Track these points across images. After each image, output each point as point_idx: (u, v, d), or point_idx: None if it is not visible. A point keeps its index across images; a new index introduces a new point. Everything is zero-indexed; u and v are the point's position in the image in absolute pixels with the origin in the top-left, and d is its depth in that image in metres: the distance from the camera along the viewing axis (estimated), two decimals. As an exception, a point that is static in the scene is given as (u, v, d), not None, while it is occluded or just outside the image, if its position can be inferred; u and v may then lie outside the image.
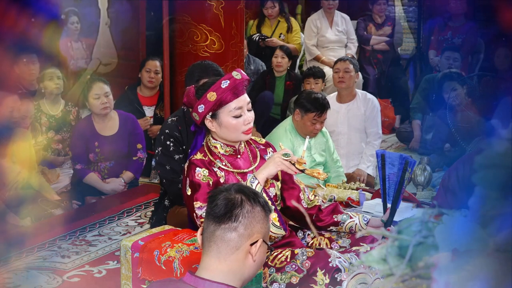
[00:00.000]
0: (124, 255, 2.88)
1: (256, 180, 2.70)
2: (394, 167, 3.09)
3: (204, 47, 5.29)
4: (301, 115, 4.53)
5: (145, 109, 5.82)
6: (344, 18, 7.41)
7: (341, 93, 5.35)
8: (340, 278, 2.67)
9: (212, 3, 5.26)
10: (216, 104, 2.71)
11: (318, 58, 7.19)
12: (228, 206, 1.87)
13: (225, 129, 2.76)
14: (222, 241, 1.86)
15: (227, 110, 2.73)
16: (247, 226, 1.87)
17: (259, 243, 1.89)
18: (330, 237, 3.03)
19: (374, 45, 7.59)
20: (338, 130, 5.31)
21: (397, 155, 3.13)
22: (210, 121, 2.77)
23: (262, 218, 1.90)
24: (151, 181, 5.52)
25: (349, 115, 5.30)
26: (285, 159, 2.73)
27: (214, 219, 1.88)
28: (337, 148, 5.18)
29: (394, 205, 3.04)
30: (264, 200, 1.94)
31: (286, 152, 2.76)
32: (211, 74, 3.73)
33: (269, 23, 7.36)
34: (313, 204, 3.03)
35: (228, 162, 2.82)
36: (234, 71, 2.78)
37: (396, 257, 1.23)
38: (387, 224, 3.00)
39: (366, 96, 5.39)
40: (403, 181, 3.05)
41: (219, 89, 2.71)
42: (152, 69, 5.73)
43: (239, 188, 1.93)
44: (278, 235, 2.76)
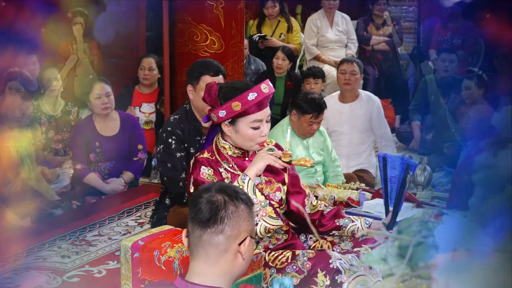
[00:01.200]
0: (124, 255, 2.88)
1: (247, 177, 2.70)
2: (396, 170, 3.10)
3: (204, 47, 5.28)
4: (298, 116, 4.53)
5: (144, 105, 5.84)
6: (344, 18, 7.41)
7: (345, 94, 5.34)
8: (341, 279, 2.67)
9: (212, 3, 5.26)
10: (239, 114, 2.70)
11: (318, 57, 7.19)
12: (212, 209, 1.83)
13: (240, 137, 2.75)
14: (210, 245, 1.83)
15: (247, 120, 2.72)
16: (234, 227, 1.84)
17: (247, 241, 1.86)
18: (333, 240, 3.03)
19: (374, 45, 7.59)
20: (340, 130, 5.30)
21: (399, 158, 3.13)
22: (227, 126, 2.75)
23: (247, 215, 1.87)
24: (151, 181, 5.52)
25: (352, 115, 5.29)
26: (271, 153, 2.74)
27: (199, 224, 1.84)
28: (338, 148, 5.18)
29: (396, 208, 3.04)
30: (245, 195, 1.91)
31: (271, 147, 2.78)
32: (212, 70, 3.74)
33: (269, 23, 7.36)
34: (316, 210, 3.03)
35: (236, 164, 2.81)
36: (263, 83, 2.76)
37: (396, 257, 1.23)
38: (389, 227, 3.00)
39: (370, 96, 5.39)
40: (405, 184, 3.05)
41: (245, 101, 2.68)
42: (146, 66, 5.77)
43: (220, 188, 1.88)
44: (276, 226, 2.76)
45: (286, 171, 2.94)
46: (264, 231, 2.73)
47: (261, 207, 2.71)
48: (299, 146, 4.61)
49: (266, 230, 2.73)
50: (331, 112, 5.17)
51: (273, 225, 2.73)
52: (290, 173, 2.96)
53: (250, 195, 2.65)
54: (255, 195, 2.68)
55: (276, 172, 2.89)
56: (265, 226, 2.72)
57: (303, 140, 4.65)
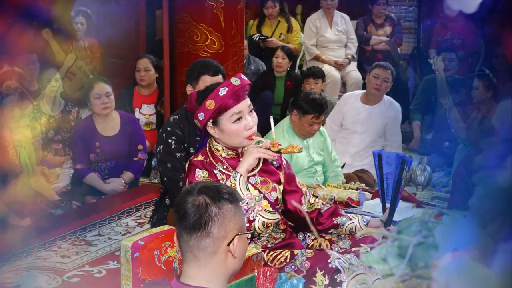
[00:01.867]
0: (124, 255, 2.88)
1: (238, 174, 2.70)
2: (391, 166, 3.09)
3: (204, 47, 5.28)
4: (299, 117, 4.53)
5: (144, 107, 5.83)
6: (344, 18, 7.41)
7: (369, 96, 5.34)
8: (340, 279, 2.67)
9: (212, 3, 5.26)
10: (215, 111, 2.70)
11: (318, 57, 7.19)
12: (195, 214, 1.82)
13: (226, 136, 2.75)
14: (198, 250, 1.83)
15: (226, 116, 2.72)
16: (220, 229, 1.83)
17: (235, 240, 1.85)
18: (331, 239, 3.03)
19: (374, 45, 7.59)
20: (353, 129, 5.30)
21: (394, 154, 3.14)
22: (212, 128, 2.76)
23: (232, 214, 1.85)
24: (151, 181, 5.52)
25: (370, 118, 5.29)
26: (259, 146, 2.74)
27: (185, 229, 1.84)
28: (347, 145, 5.21)
29: (393, 204, 3.04)
30: (228, 192, 1.88)
31: (258, 141, 2.77)
32: (211, 70, 3.75)
33: (269, 23, 7.36)
34: (313, 208, 3.03)
35: (230, 165, 2.81)
36: (233, 77, 2.77)
37: (396, 257, 1.23)
38: (386, 224, 3.00)
39: (391, 102, 5.39)
40: (401, 180, 3.05)
41: (217, 97, 2.69)
42: (141, 68, 5.75)
43: (201, 189, 1.86)
44: (274, 220, 2.76)
45: (281, 170, 2.94)
46: (262, 226, 2.72)
47: (255, 201, 2.70)
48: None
49: (264, 224, 2.72)
50: (349, 110, 5.20)
51: (270, 219, 2.73)
52: (286, 172, 2.96)
53: (243, 191, 2.66)
54: (248, 190, 2.69)
55: (271, 172, 2.89)
56: (263, 221, 2.71)
57: (303, 140, 4.64)
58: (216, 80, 3.68)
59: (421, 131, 6.54)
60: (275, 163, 2.94)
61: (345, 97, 5.55)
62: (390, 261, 1.22)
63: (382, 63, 5.50)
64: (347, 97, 5.51)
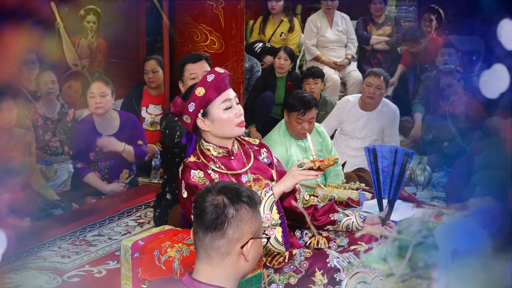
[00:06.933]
0: (124, 255, 2.88)
1: (270, 191, 2.69)
2: (387, 159, 3.09)
3: (204, 47, 5.28)
4: (288, 115, 4.48)
5: (151, 107, 5.87)
6: (344, 18, 7.42)
7: (366, 104, 5.35)
8: (339, 278, 2.67)
9: (212, 3, 5.25)
10: (204, 99, 2.71)
11: (318, 58, 7.19)
12: (212, 213, 1.82)
13: (218, 125, 2.75)
14: (211, 249, 1.84)
15: (217, 103, 2.72)
16: (235, 231, 1.83)
17: (249, 244, 1.85)
18: (328, 236, 3.02)
19: (374, 45, 7.59)
20: (353, 135, 5.34)
21: (388, 148, 3.14)
22: (202, 120, 2.75)
23: (249, 217, 1.85)
24: (151, 181, 5.52)
25: (368, 124, 5.33)
26: (302, 169, 2.73)
27: (201, 227, 1.84)
28: (347, 147, 5.23)
29: (394, 198, 3.04)
30: (248, 195, 1.87)
31: (300, 163, 2.76)
32: (192, 58, 3.93)
33: (272, 21, 7.40)
34: (309, 204, 3.03)
35: (222, 163, 2.80)
36: (216, 67, 2.82)
37: (396, 257, 1.23)
38: (385, 221, 2.99)
39: (388, 106, 5.40)
40: (404, 173, 3.05)
41: (206, 83, 2.72)
42: (149, 70, 5.82)
43: (221, 189, 1.87)
44: (277, 251, 2.74)
45: (272, 167, 2.94)
46: (264, 249, 2.70)
47: (271, 224, 2.67)
48: (293, 146, 4.55)
49: (266, 249, 2.70)
50: (348, 116, 5.25)
51: (275, 248, 2.70)
52: (278, 169, 2.96)
53: (266, 210, 2.65)
54: (270, 212, 2.66)
55: (263, 169, 2.89)
56: (267, 247, 2.69)
57: (298, 141, 4.60)
58: (199, 66, 3.85)
59: (423, 122, 6.47)
60: (266, 160, 2.94)
61: (342, 104, 5.53)
62: (390, 261, 1.22)
63: (375, 69, 5.47)
64: (344, 104, 5.50)
